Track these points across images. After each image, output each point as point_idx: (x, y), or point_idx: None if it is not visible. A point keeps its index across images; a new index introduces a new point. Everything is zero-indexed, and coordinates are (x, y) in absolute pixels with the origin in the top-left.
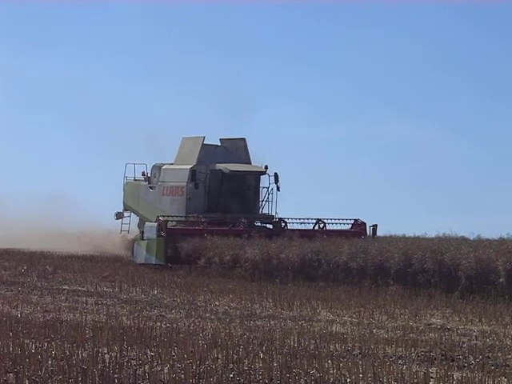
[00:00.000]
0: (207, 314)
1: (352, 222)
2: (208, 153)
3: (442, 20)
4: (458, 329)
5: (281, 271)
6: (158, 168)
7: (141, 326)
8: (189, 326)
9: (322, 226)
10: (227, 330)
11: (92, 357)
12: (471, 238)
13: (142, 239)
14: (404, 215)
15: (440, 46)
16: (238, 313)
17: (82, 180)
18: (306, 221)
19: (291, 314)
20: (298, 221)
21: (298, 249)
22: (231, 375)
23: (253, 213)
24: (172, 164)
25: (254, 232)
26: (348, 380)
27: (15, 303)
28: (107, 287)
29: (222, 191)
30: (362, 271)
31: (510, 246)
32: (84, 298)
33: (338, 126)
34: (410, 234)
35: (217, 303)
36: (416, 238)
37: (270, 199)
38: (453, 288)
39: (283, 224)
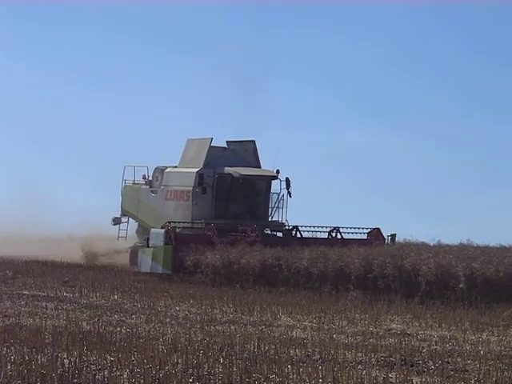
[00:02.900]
0: (167, 319)
1: (368, 230)
2: (215, 155)
3: (404, 24)
4: (418, 334)
5: (241, 276)
6: (160, 171)
7: (101, 330)
8: (149, 331)
9: (334, 234)
10: (187, 335)
11: (51, 362)
12: (431, 244)
13: (148, 247)
14: (364, 221)
15: (403, 50)
16: (198, 318)
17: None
18: (320, 229)
19: (251, 319)
20: (311, 229)
21: (258, 254)
22: (191, 380)
23: (263, 220)
24: (176, 167)
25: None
26: None
27: None
28: (67, 292)
29: (230, 196)
30: (322, 276)
31: (470, 252)
32: (44, 303)
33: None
34: None
35: (177, 308)
36: (377, 244)
37: (281, 206)
38: (413, 293)
39: (295, 232)
